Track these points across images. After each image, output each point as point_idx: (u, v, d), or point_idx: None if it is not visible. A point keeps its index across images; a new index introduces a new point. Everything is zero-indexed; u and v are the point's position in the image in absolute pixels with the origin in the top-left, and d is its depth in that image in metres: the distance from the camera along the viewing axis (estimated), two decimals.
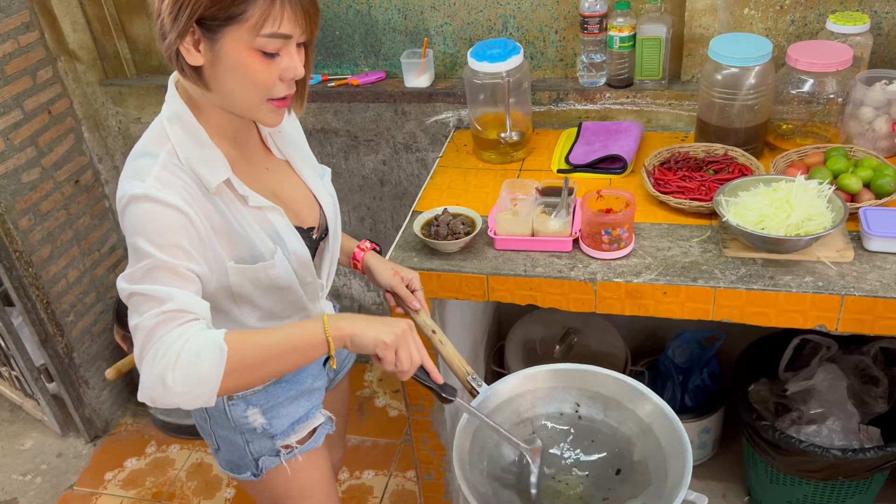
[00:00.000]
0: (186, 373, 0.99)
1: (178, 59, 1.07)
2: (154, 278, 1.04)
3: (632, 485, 1.25)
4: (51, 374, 2.44)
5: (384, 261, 1.45)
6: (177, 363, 0.99)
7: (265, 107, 1.10)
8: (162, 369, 0.99)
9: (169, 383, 0.99)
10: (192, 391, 1.00)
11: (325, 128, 2.21)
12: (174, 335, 1.01)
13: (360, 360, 2.75)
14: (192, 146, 1.11)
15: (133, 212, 1.05)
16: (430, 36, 2.04)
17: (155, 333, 1.01)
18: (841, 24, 1.68)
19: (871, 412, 1.81)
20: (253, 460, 1.34)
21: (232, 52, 1.03)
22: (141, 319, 1.02)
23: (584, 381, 1.31)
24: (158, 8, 1.04)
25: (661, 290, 1.44)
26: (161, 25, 1.04)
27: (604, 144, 1.82)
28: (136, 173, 1.07)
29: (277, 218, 1.20)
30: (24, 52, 2.12)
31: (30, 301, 2.26)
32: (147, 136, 1.14)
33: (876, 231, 1.41)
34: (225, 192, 1.14)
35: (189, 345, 1.00)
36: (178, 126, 1.12)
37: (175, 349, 0.99)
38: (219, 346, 1.01)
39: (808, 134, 1.75)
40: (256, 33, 1.02)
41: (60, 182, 2.29)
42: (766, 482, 1.90)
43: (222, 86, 1.07)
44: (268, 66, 1.05)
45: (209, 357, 1.00)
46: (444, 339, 1.34)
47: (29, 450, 2.59)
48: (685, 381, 2.05)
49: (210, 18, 1.01)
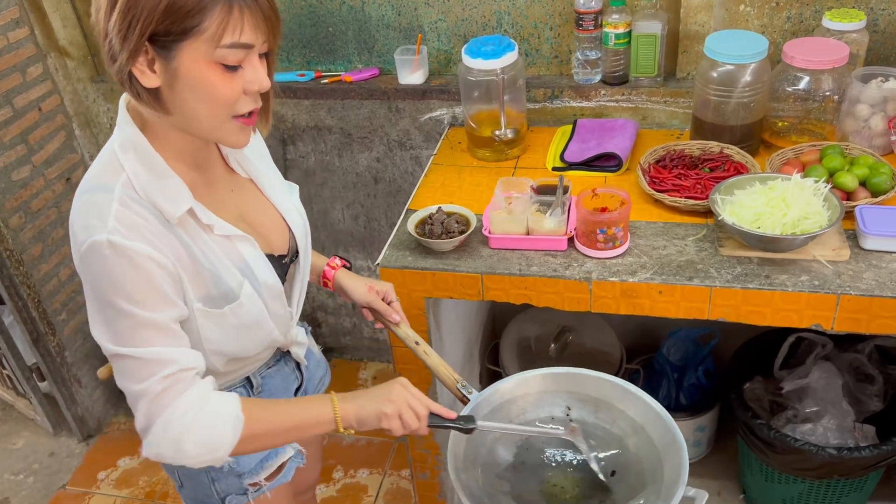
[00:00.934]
0: (203, 440, 1.02)
1: (132, 83, 0.98)
2: (144, 339, 1.00)
3: (627, 485, 1.24)
4: (42, 373, 2.43)
5: (357, 277, 1.41)
6: (194, 430, 1.01)
7: (230, 126, 1.02)
8: (178, 434, 1.01)
9: (186, 447, 1.02)
10: (205, 455, 1.03)
11: (318, 125, 2.19)
12: (188, 401, 1.02)
13: (353, 358, 2.76)
14: (148, 176, 1.03)
15: (98, 262, 0.98)
16: (424, 32, 2.02)
17: (163, 399, 1.00)
18: (837, 21, 1.67)
19: (867, 410, 1.81)
20: (219, 499, 1.29)
21: (190, 69, 0.95)
22: (143, 385, 1.00)
23: (573, 383, 1.31)
24: (105, 27, 0.95)
25: (656, 290, 1.43)
26: (110, 47, 0.95)
27: (599, 142, 1.81)
28: (93, 212, 0.99)
29: (248, 248, 1.13)
30: (13, 49, 2.10)
31: (21, 300, 2.24)
32: (98, 166, 1.05)
33: (872, 230, 1.40)
34: (188, 222, 1.07)
35: (206, 412, 1.02)
36: (132, 154, 1.03)
37: (191, 416, 1.01)
38: (236, 416, 1.04)
39: (803, 131, 1.75)
40: (216, 45, 0.94)
41: (51, 180, 2.27)
42: (760, 480, 1.90)
43: (183, 107, 0.99)
44: (230, 79, 0.98)
45: (226, 427, 1.03)
46: (429, 349, 1.33)
47: (21, 449, 2.57)
48: (680, 380, 2.05)
49: (164, 34, 0.93)
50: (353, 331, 2.68)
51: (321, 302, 2.62)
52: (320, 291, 2.58)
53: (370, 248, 2.42)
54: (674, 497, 1.12)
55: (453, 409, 1.20)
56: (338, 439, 2.45)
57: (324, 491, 2.29)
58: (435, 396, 1.72)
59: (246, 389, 1.27)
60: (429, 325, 1.62)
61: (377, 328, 1.43)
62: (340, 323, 2.67)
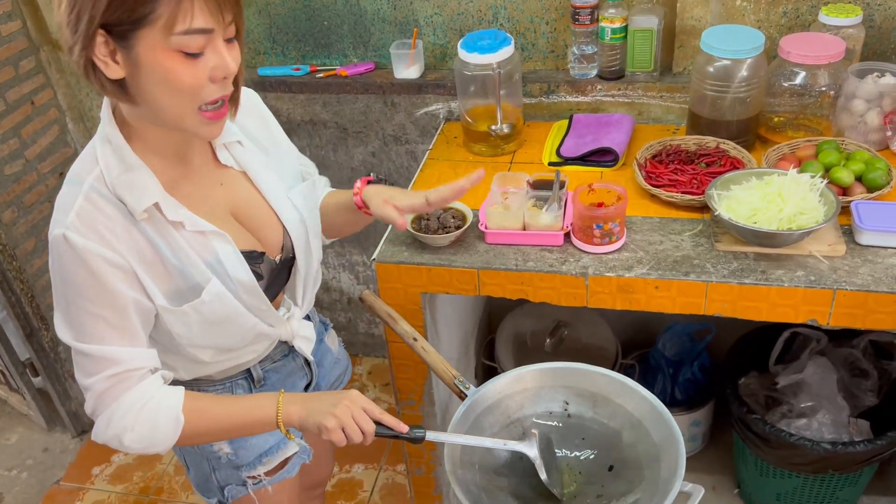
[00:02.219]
0: (142, 435, 1.06)
1: (96, 74, 0.95)
2: (95, 336, 1.03)
3: (625, 480, 1.24)
4: (36, 368, 2.42)
5: (379, 190, 1.29)
6: (133, 428, 1.05)
7: (198, 117, 0.99)
8: (119, 431, 1.05)
9: (125, 442, 1.06)
10: (146, 449, 1.08)
11: (313, 119, 2.18)
12: (129, 400, 1.05)
13: (350, 353, 2.75)
14: (118, 169, 1.02)
15: (55, 256, 1.00)
16: (420, 26, 2.02)
17: (106, 397, 1.05)
18: (833, 16, 1.67)
19: (861, 405, 1.82)
20: (218, 488, 1.31)
21: (149, 58, 0.93)
22: (90, 381, 1.05)
23: (571, 378, 1.30)
24: (58, 19, 0.94)
25: (652, 285, 1.43)
26: (63, 37, 0.94)
27: (595, 137, 1.81)
28: (61, 206, 1.01)
29: (221, 244, 1.10)
30: (5, 42, 2.08)
31: (14, 295, 2.23)
32: (78, 160, 1.06)
33: (867, 225, 1.40)
34: (157, 217, 1.05)
35: (146, 412, 1.05)
36: (108, 148, 1.02)
37: (131, 416, 1.05)
38: (175, 417, 1.07)
39: (799, 127, 1.74)
40: (169, 33, 0.91)
41: (44, 174, 2.25)
42: (755, 475, 1.91)
43: (148, 97, 0.97)
44: (192, 66, 0.94)
45: (165, 426, 1.07)
46: (427, 345, 1.32)
47: (14, 444, 2.57)
48: (676, 375, 2.05)
49: (116, 24, 0.91)
50: (348, 326, 2.68)
51: (316, 298, 2.60)
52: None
53: (366, 243, 2.42)
54: (670, 492, 1.11)
55: (450, 404, 1.19)
56: None
57: None
58: (432, 392, 1.72)
59: (247, 381, 1.27)
60: (425, 321, 1.62)
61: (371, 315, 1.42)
62: (335, 318, 2.66)
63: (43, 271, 2.29)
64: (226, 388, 1.25)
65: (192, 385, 1.23)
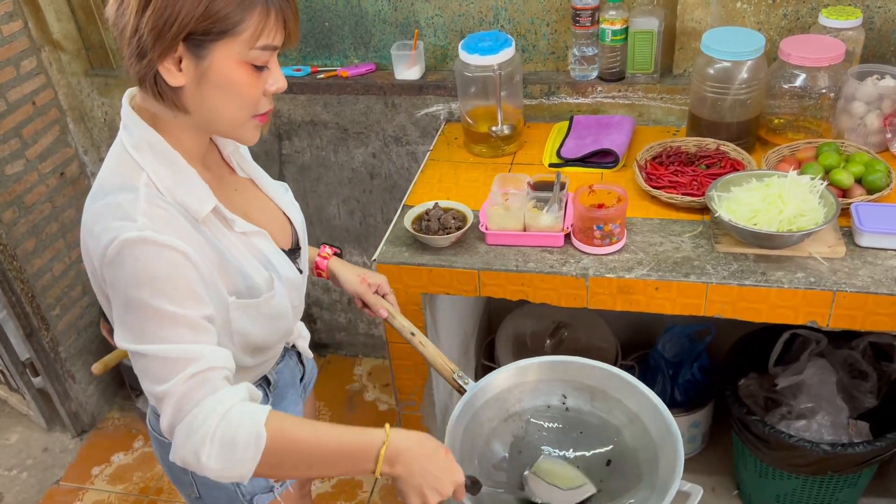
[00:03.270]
0: (221, 453, 0.94)
1: (156, 82, 0.95)
2: (171, 336, 0.95)
3: (623, 476, 1.24)
4: (36, 368, 2.41)
5: (349, 267, 1.40)
6: (212, 441, 0.93)
7: (251, 123, 1.02)
8: (197, 444, 0.93)
9: (203, 460, 0.94)
10: (224, 471, 0.95)
11: (314, 120, 2.18)
12: (209, 406, 0.94)
13: (348, 354, 2.76)
14: (170, 175, 1.01)
15: (130, 259, 0.93)
16: (421, 27, 2.02)
17: (188, 402, 0.94)
18: (833, 19, 1.67)
19: (861, 407, 1.82)
20: (246, 501, 1.28)
21: (222, 68, 0.95)
22: (166, 387, 0.93)
23: (569, 372, 1.31)
24: (135, 24, 0.92)
25: (652, 286, 1.43)
26: (139, 44, 0.92)
27: (595, 138, 1.81)
28: (118, 213, 0.95)
29: (265, 243, 1.13)
30: (6, 42, 2.08)
31: (14, 295, 2.23)
32: (111, 169, 1.02)
33: (867, 227, 1.41)
34: (211, 220, 1.05)
35: (225, 423, 0.93)
36: (149, 154, 1.00)
37: (211, 424, 0.93)
38: (256, 432, 0.94)
39: (799, 129, 1.75)
40: (251, 46, 0.94)
41: (45, 174, 2.26)
42: (755, 476, 1.91)
43: (205, 104, 0.98)
44: (257, 79, 0.98)
45: (245, 441, 0.94)
46: (425, 339, 1.33)
47: (14, 444, 2.56)
48: (675, 376, 2.05)
49: (201, 33, 0.92)
50: (348, 327, 2.68)
51: (316, 298, 2.61)
52: (315, 287, 2.58)
53: (366, 244, 2.42)
54: (669, 491, 1.11)
55: (450, 404, 1.19)
56: None
57: (318, 487, 2.29)
58: (432, 392, 1.73)
59: (264, 389, 1.26)
60: (425, 321, 1.62)
61: (371, 317, 1.42)
62: (336, 319, 2.66)
63: (43, 271, 2.29)
64: None
65: None
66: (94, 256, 0.97)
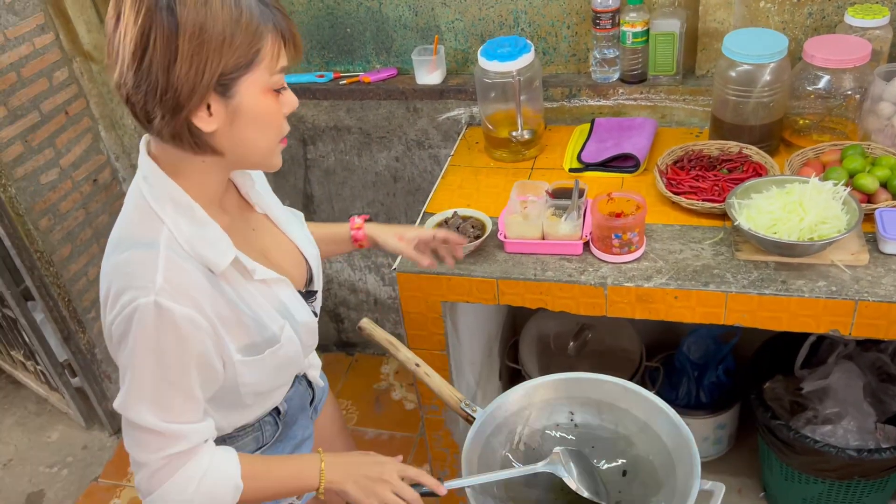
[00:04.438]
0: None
1: (191, 133, 0.94)
2: (164, 407, 0.98)
3: (641, 484, 1.25)
4: (74, 369, 2.49)
5: (385, 229, 1.39)
6: (193, 500, 1.02)
7: (278, 149, 1.02)
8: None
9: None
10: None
11: (337, 125, 2.21)
12: (187, 474, 1.02)
13: (375, 353, 2.79)
14: (190, 227, 0.99)
15: (140, 327, 0.93)
16: (441, 32, 2.02)
17: (162, 474, 1.01)
18: (860, 18, 1.64)
19: (889, 411, 1.80)
20: None
21: (251, 102, 0.94)
22: (148, 458, 1.00)
23: (573, 388, 1.31)
24: (164, 82, 0.89)
25: (672, 295, 1.43)
26: (174, 100, 0.90)
27: (616, 142, 1.80)
28: (137, 271, 0.94)
29: (284, 290, 1.12)
30: (39, 55, 2.14)
31: (52, 299, 2.30)
32: (131, 220, 1.01)
33: (892, 234, 1.38)
34: (230, 271, 1.03)
35: (205, 485, 1.03)
36: (169, 206, 0.98)
37: (190, 490, 1.02)
38: (235, 486, 1.06)
39: (825, 130, 1.72)
40: (271, 72, 0.94)
41: (79, 182, 2.32)
42: (781, 479, 1.90)
43: (240, 141, 0.97)
44: (278, 103, 0.98)
45: (224, 494, 1.05)
46: (430, 370, 1.34)
47: (55, 442, 2.65)
48: (700, 377, 2.04)
49: (230, 72, 0.91)
50: None
51: (343, 298, 2.65)
52: (342, 287, 2.61)
53: None
54: (690, 491, 1.11)
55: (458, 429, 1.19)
56: (360, 434, 2.48)
57: None
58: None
59: (274, 418, 1.26)
60: (446, 329, 1.64)
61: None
62: (362, 318, 2.69)
63: (79, 276, 2.36)
64: (255, 429, 1.24)
65: (228, 437, 1.21)
66: (108, 311, 0.97)
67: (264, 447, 1.25)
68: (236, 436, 1.20)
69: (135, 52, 0.88)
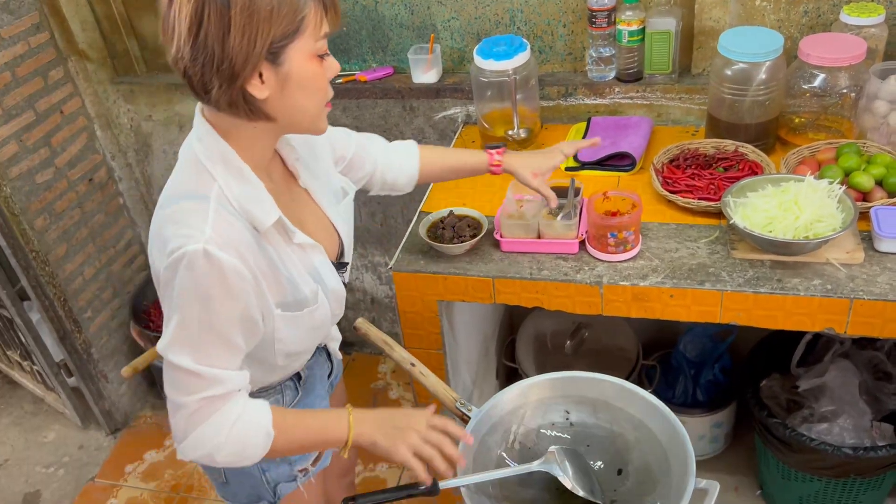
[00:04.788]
0: (234, 451, 1.08)
1: (246, 101, 0.99)
2: (205, 352, 1.02)
3: (636, 483, 1.25)
4: (70, 369, 2.49)
5: (522, 164, 1.45)
6: (226, 446, 1.06)
7: (324, 112, 1.07)
8: (211, 449, 1.06)
9: (218, 459, 1.07)
10: (235, 463, 1.10)
11: (333, 124, 2.16)
12: (220, 419, 1.06)
13: (372, 352, 2.79)
14: (240, 186, 1.05)
15: (187, 272, 0.98)
16: (437, 31, 2.02)
17: (197, 417, 1.05)
18: (855, 16, 1.64)
19: (885, 409, 1.80)
20: (270, 488, 1.33)
21: (299, 68, 0.99)
22: (186, 399, 1.04)
23: (568, 387, 1.31)
24: (220, 52, 0.94)
25: (667, 294, 1.43)
26: (231, 70, 0.95)
27: (613, 141, 1.80)
28: (189, 219, 0.99)
29: (318, 256, 1.17)
30: (34, 54, 2.14)
31: (47, 299, 2.30)
32: (184, 175, 1.07)
33: (887, 232, 1.38)
34: (272, 232, 1.09)
35: (236, 430, 1.06)
36: (220, 165, 1.04)
37: (223, 434, 1.06)
38: (266, 433, 1.09)
39: (821, 128, 1.72)
40: (316, 38, 0.99)
41: (74, 181, 2.31)
42: (777, 477, 1.90)
43: (290, 106, 1.02)
44: (323, 68, 1.03)
45: (255, 441, 1.09)
46: (425, 370, 1.34)
47: (51, 442, 2.65)
48: (697, 376, 2.05)
49: (279, 40, 0.96)
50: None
51: None
52: None
53: (387, 245, 2.44)
54: (685, 490, 1.11)
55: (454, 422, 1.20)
56: None
57: None
58: None
59: (294, 382, 1.32)
60: (442, 327, 1.64)
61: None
62: (358, 317, 2.69)
63: (74, 275, 2.35)
64: (277, 392, 1.30)
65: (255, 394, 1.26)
66: (157, 258, 1.02)
67: None
68: (259, 396, 1.23)
69: (190, 27, 0.94)
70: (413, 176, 1.46)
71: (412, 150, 1.46)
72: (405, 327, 1.67)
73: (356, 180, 1.40)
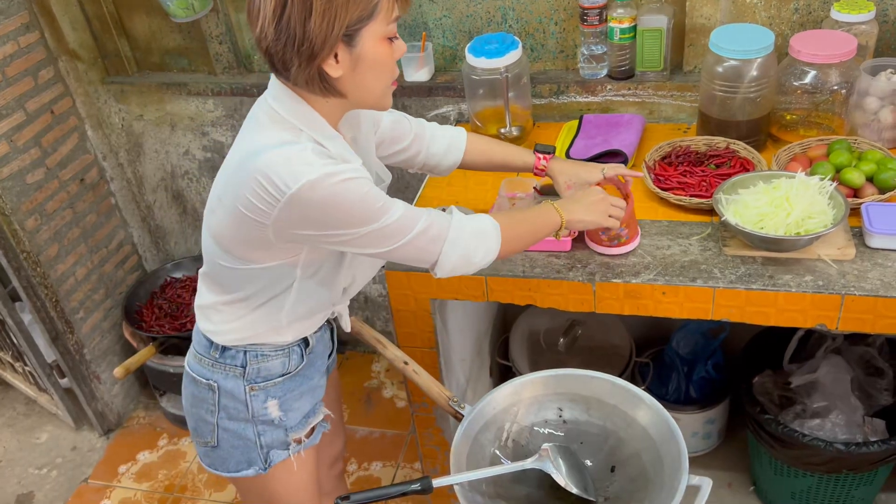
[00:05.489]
0: (487, 249, 1.23)
1: (321, 79, 1.08)
2: (388, 206, 1.13)
3: (629, 480, 1.25)
4: (62, 370, 2.48)
5: (561, 175, 1.50)
6: (471, 242, 1.21)
7: (390, 90, 1.16)
8: (463, 252, 1.21)
9: (475, 260, 1.22)
10: (486, 261, 1.24)
11: None
12: (456, 227, 1.20)
13: (366, 351, 2.78)
14: (322, 138, 1.14)
15: (318, 195, 1.07)
16: (429, 29, 2.02)
17: (437, 230, 1.18)
18: (846, 13, 1.64)
19: (876, 404, 1.81)
20: (263, 454, 1.36)
21: (372, 50, 1.07)
22: (425, 220, 1.17)
23: (562, 384, 1.31)
24: (301, 33, 1.03)
25: (659, 291, 1.43)
26: (310, 49, 1.04)
27: (605, 138, 1.81)
28: (294, 160, 1.07)
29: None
30: (24, 53, 2.12)
31: (39, 300, 2.29)
32: (268, 129, 1.13)
33: (878, 228, 1.39)
34: None
35: (472, 227, 1.22)
36: (303, 118, 1.14)
37: (465, 237, 1.20)
38: (493, 224, 1.24)
39: (812, 125, 1.73)
40: (387, 22, 1.07)
41: (65, 181, 2.30)
42: (770, 473, 1.91)
43: (360, 85, 1.11)
44: (392, 49, 1.11)
45: (490, 235, 1.23)
46: (418, 368, 1.36)
47: (44, 443, 2.64)
48: (690, 373, 2.05)
49: (354, 23, 1.04)
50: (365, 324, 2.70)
51: None
52: None
53: None
54: (678, 486, 1.12)
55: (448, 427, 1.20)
56: (351, 432, 2.48)
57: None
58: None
59: (301, 348, 1.35)
60: (435, 326, 1.64)
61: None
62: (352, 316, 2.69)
63: (66, 276, 2.34)
64: (285, 354, 1.33)
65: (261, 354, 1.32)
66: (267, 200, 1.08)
67: (287, 375, 1.34)
68: (269, 354, 1.31)
69: (275, 9, 1.03)
70: (456, 163, 1.52)
71: (460, 137, 1.51)
72: (398, 326, 1.67)
73: (395, 153, 1.47)
